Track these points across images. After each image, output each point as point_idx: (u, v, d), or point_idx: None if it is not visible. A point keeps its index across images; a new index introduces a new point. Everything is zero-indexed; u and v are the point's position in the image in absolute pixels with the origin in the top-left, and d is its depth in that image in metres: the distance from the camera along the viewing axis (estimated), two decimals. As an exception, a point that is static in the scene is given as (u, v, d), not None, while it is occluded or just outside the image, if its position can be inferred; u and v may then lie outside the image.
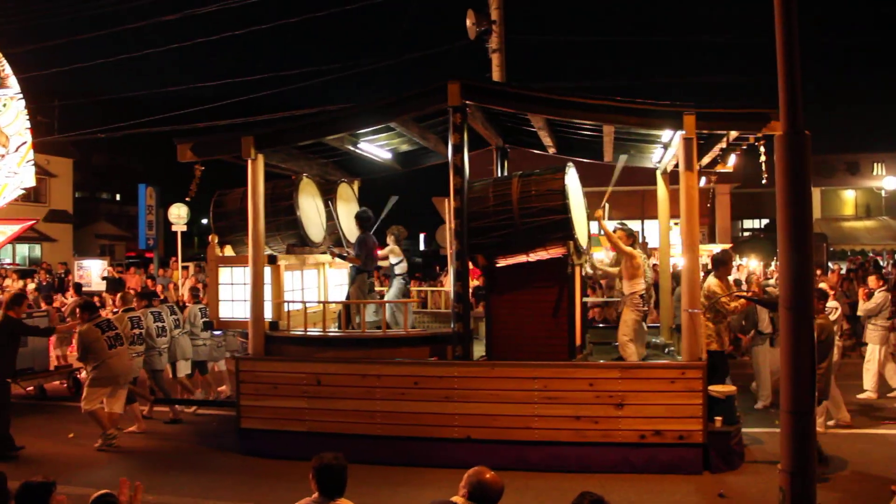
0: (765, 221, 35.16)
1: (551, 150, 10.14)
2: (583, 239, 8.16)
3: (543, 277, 7.90)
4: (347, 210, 9.78)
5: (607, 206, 8.70)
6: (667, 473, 7.28)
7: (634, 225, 35.24)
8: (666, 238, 10.90)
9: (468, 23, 14.23)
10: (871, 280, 10.72)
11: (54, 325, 10.37)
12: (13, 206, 31.93)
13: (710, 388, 7.70)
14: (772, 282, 10.34)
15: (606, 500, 3.29)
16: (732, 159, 8.86)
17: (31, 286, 19.27)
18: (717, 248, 29.90)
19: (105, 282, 21.64)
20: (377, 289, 10.10)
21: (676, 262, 29.97)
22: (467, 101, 7.76)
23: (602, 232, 9.10)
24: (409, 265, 10.02)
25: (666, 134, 8.42)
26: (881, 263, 27.36)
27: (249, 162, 8.13)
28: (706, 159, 8.97)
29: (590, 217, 9.44)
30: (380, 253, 9.47)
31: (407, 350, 7.99)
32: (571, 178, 8.07)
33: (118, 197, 44.49)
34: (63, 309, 12.36)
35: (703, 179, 11.13)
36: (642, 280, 8.27)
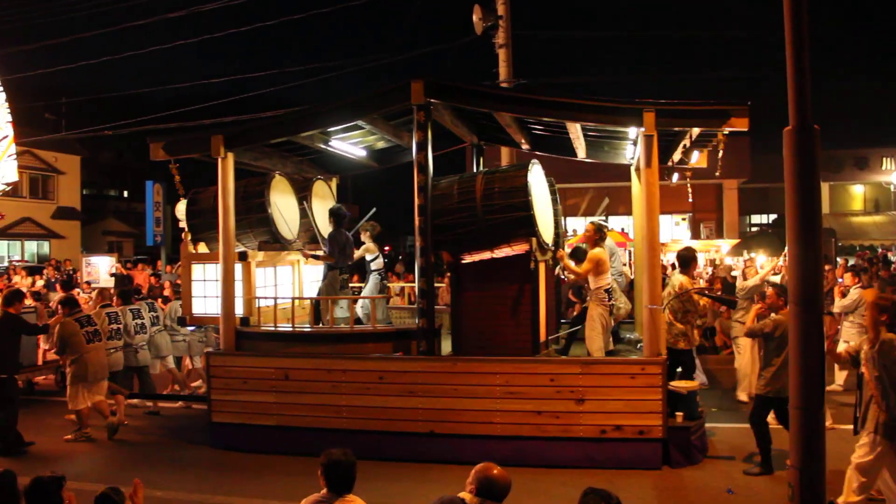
0: (773, 216, 35.03)
1: (525, 147, 10.24)
2: (547, 235, 8.27)
3: (507, 273, 8.01)
4: (323, 207, 9.93)
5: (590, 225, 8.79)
6: (627, 468, 7.37)
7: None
8: (640, 233, 10.91)
9: (475, 18, 14.35)
10: (847, 277, 10.74)
11: (43, 321, 10.63)
12: (22, 203, 32.48)
13: (673, 383, 7.82)
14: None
15: (615, 496, 3.29)
16: (695, 156, 8.88)
17: (39, 283, 19.63)
18: (725, 243, 29.95)
19: (113, 278, 21.99)
20: (353, 285, 10.26)
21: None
22: (431, 100, 7.89)
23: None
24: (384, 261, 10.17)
25: (633, 131, 8.50)
26: (890, 258, 27.21)
27: (220, 160, 8.32)
28: (677, 155, 9.01)
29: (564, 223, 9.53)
30: (356, 253, 9.63)
31: (373, 345, 8.14)
32: (535, 175, 8.18)
33: (126, 194, 45.00)
34: (51, 304, 12.63)
35: (676, 176, 11.13)
36: (607, 275, 8.37)
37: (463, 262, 8.25)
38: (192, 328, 10.11)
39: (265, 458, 7.98)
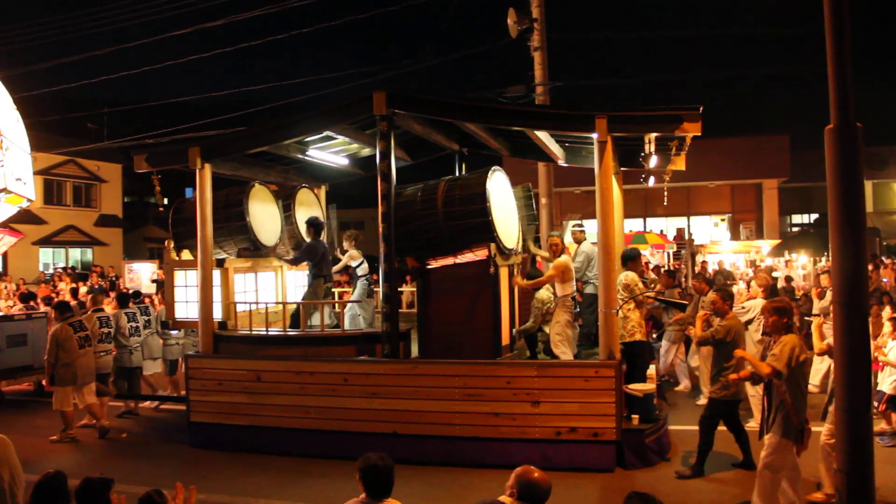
0: (814, 216, 34.42)
1: (504, 153, 10.50)
2: (508, 240, 8.53)
3: (469, 278, 8.30)
4: (308, 214, 10.36)
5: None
6: (582, 470, 7.57)
7: (680, 221, 35.15)
8: (621, 237, 11.06)
9: (509, 21, 14.57)
10: (824, 278, 10.70)
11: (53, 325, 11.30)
12: (66, 211, 33.88)
13: (630, 386, 8.00)
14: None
15: (658, 499, 3.32)
16: (654, 160, 9.03)
17: (83, 289, 20.58)
18: (765, 244, 29.59)
19: (155, 284, 22.90)
20: (340, 290, 10.67)
21: (722, 259, 29.67)
22: (396, 111, 8.24)
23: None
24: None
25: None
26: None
27: (197, 171, 8.81)
28: (653, 159, 9.17)
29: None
30: (342, 260, 10.04)
31: (341, 349, 8.53)
32: (496, 182, 8.46)
33: (166, 201, 46.38)
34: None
35: (653, 179, 11.22)
36: (573, 283, 8.57)
37: (428, 267, 8.58)
38: (175, 332, 10.64)
39: (239, 457, 8.41)
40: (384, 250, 8.21)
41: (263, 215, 9.70)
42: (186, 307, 9.31)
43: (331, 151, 10.04)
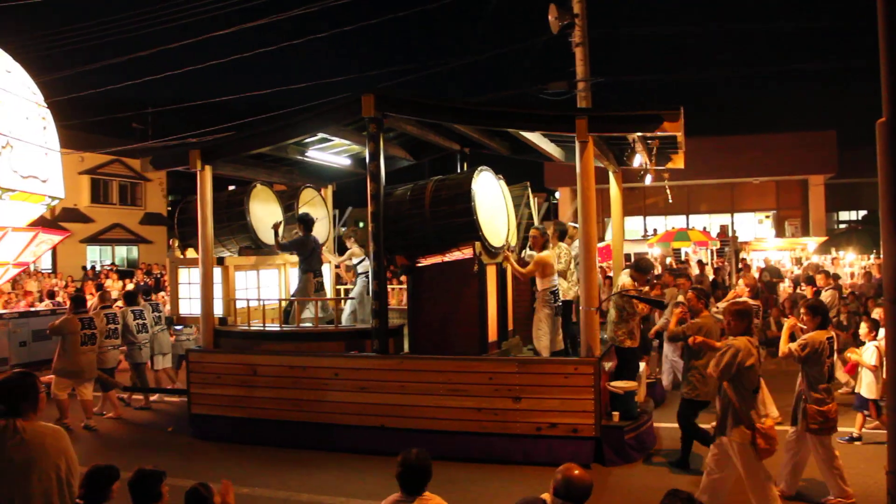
0: (863, 213, 33.69)
1: (504, 153, 10.72)
2: (494, 239, 8.76)
3: (455, 276, 8.58)
4: (312, 213, 10.69)
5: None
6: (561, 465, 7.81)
7: (723, 218, 34.79)
8: (619, 234, 11.17)
9: (550, 17, 14.73)
10: (819, 278, 10.66)
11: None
12: (112, 210, 35.05)
13: (612, 383, 8.20)
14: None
15: (697, 498, 3.40)
16: (638, 159, 9.15)
17: (129, 286, 21.44)
18: (811, 241, 29.15)
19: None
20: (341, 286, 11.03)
21: (768, 256, 29.27)
22: (386, 113, 8.55)
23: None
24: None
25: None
26: None
27: (198, 173, 9.27)
28: (637, 160, 9.32)
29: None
30: (342, 256, 10.41)
31: (333, 344, 8.89)
32: (482, 182, 8.70)
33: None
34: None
35: (650, 178, 11.24)
36: (553, 277, 8.77)
37: (418, 265, 8.89)
38: (187, 328, 11.15)
39: (235, 447, 8.83)
40: (373, 249, 8.53)
41: (265, 214, 10.11)
42: (190, 303, 9.77)
43: (332, 152, 10.40)
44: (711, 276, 20.25)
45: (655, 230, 34.24)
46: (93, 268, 30.51)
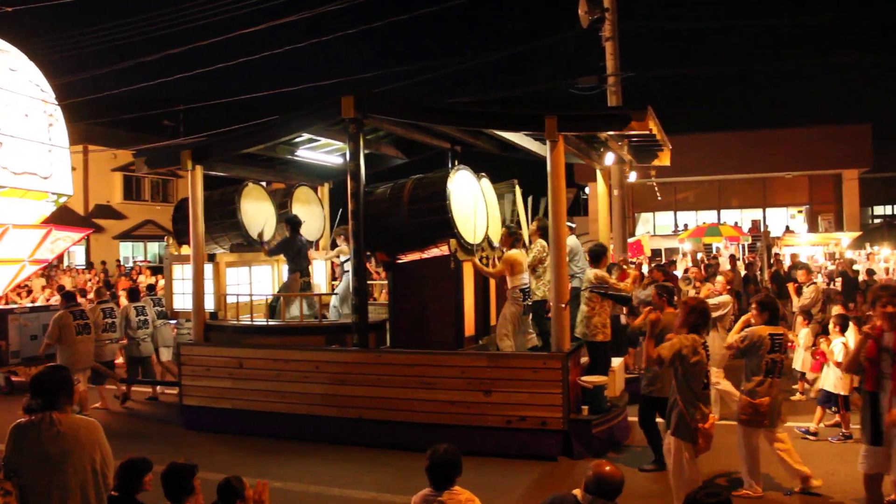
0: (897, 207, 33.25)
1: (494, 151, 10.98)
2: (470, 237, 9.05)
3: (431, 273, 8.90)
4: (306, 211, 11.15)
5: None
6: (530, 458, 8.04)
7: (755, 213, 34.52)
8: (605, 231, 11.35)
9: (580, 11, 15.00)
10: (801, 274, 10.70)
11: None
12: (144, 206, 35.99)
13: (582, 378, 8.44)
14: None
15: (725, 495, 3.45)
16: (610, 157, 9.34)
17: (161, 281, 22.14)
18: (845, 236, 28.86)
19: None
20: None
21: (796, 252, 29.10)
22: (369, 114, 8.88)
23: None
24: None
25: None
26: None
27: (189, 172, 9.72)
28: (608, 158, 9.52)
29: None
30: (331, 252, 10.79)
31: (316, 338, 9.29)
32: (459, 181, 9.00)
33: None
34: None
35: (634, 175, 11.37)
36: (522, 276, 9.01)
37: (398, 262, 9.23)
38: (174, 321, 11.66)
39: (224, 437, 9.26)
40: (354, 246, 8.89)
41: (256, 212, 10.54)
42: (184, 298, 10.24)
43: (323, 151, 10.77)
44: (743, 272, 20.28)
45: (686, 225, 34.13)
46: (123, 264, 31.37)
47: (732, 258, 23.70)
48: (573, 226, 10.77)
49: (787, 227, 33.18)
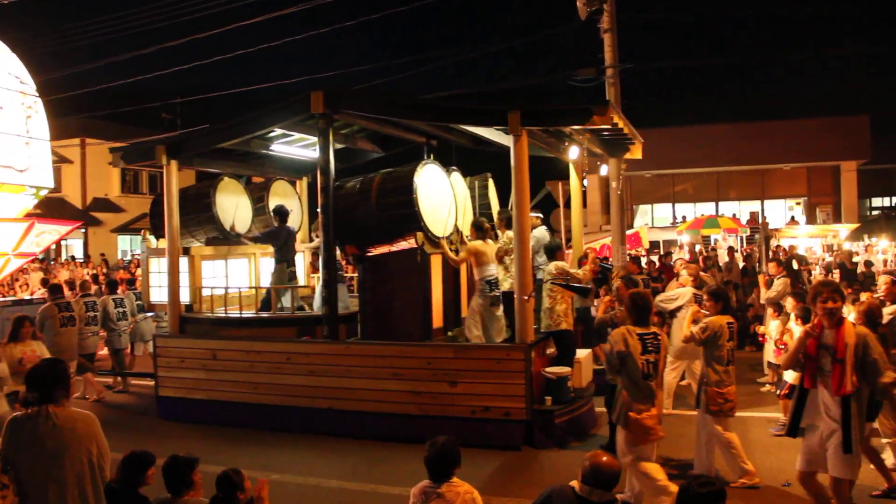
0: (896, 199, 33.30)
1: (469, 145, 11.16)
2: (437, 229, 9.23)
3: (399, 265, 9.11)
4: (284, 204, 11.30)
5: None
6: (495, 448, 8.21)
7: (753, 205, 34.60)
8: (579, 224, 11.51)
9: (578, 3, 15.07)
10: (772, 267, 10.85)
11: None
12: (141, 199, 36.19)
13: (546, 369, 8.63)
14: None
15: (718, 485, 3.50)
16: (575, 151, 9.49)
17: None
18: (843, 228, 28.95)
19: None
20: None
21: (793, 244, 29.21)
22: (339, 109, 9.05)
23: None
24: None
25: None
26: None
27: (164, 167, 9.94)
28: (572, 152, 9.66)
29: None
30: (310, 244, 10.99)
31: (288, 330, 9.51)
32: (426, 175, 9.17)
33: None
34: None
35: (605, 168, 11.49)
36: (490, 266, 9.18)
37: (368, 254, 9.43)
38: (150, 314, 11.89)
39: (198, 427, 9.46)
40: (324, 239, 9.09)
41: (231, 206, 10.74)
42: (161, 291, 10.46)
43: (299, 146, 10.96)
44: (742, 264, 20.37)
45: (685, 217, 34.21)
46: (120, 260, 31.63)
47: (731, 250, 23.82)
48: (541, 216, 10.87)
49: (793, 218, 33.29)
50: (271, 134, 10.27)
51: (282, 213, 10.49)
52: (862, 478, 6.33)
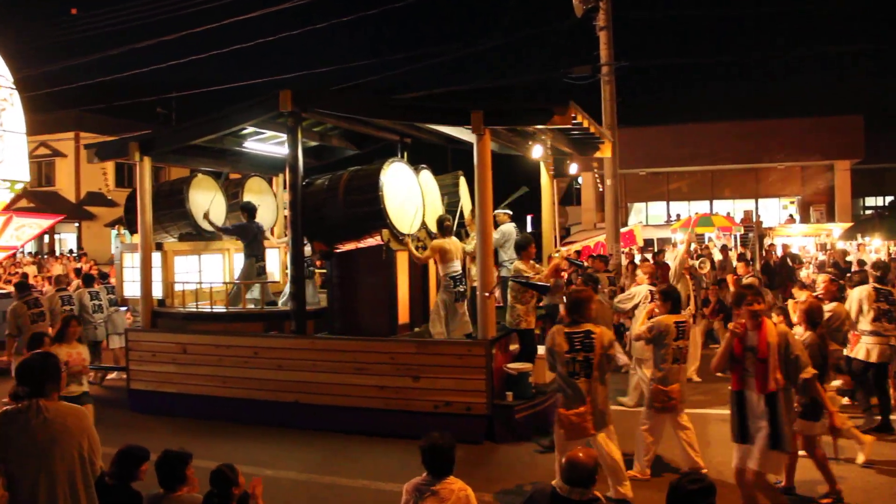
0: (889, 198, 33.42)
1: (442, 143, 11.34)
2: (403, 227, 9.41)
3: (366, 262, 9.31)
4: (259, 201, 11.49)
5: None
6: (457, 442, 8.42)
7: (747, 203, 34.76)
8: (549, 222, 11.67)
9: (574, 1, 15.25)
10: (740, 267, 11.04)
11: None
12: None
13: (508, 365, 8.82)
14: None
15: (708, 481, 3.57)
16: (538, 150, 9.66)
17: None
18: (836, 227, 29.10)
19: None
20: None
21: (787, 242, 29.37)
22: (308, 107, 9.23)
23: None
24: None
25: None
26: None
27: (137, 164, 10.13)
28: (536, 151, 9.82)
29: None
30: (283, 239, 11.17)
31: (256, 325, 9.70)
32: (392, 173, 9.36)
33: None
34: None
35: (575, 166, 11.63)
36: (454, 263, 9.34)
37: (336, 251, 9.62)
38: (125, 308, 12.10)
39: (169, 420, 9.67)
40: (292, 235, 9.28)
41: (204, 202, 10.92)
42: (134, 286, 10.65)
43: (273, 143, 11.16)
44: (735, 262, 20.54)
45: (679, 215, 34.38)
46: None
47: (724, 248, 23.99)
48: (510, 213, 11.00)
49: (790, 216, 33.44)
50: (244, 131, 10.47)
51: (250, 209, 10.66)
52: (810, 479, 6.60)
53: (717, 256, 21.97)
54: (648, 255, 22.37)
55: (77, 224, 37.67)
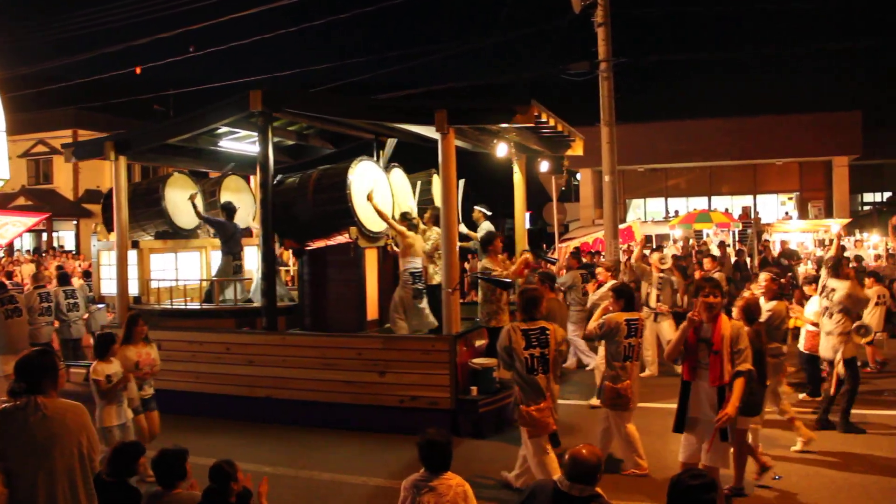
0: (887, 194, 33.49)
1: (415, 142, 11.53)
2: (372, 225, 9.63)
3: (335, 259, 9.58)
4: (236, 199, 11.74)
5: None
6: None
7: (745, 200, 34.87)
8: (521, 221, 11.87)
9: None
10: (707, 262, 11.20)
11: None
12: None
13: (473, 360, 9.02)
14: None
15: (710, 477, 3.59)
16: (503, 149, 9.85)
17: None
18: (834, 223, 29.21)
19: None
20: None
21: (786, 238, 29.50)
22: (280, 107, 9.44)
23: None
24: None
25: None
26: None
27: (112, 163, 10.37)
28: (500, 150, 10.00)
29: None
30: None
31: (229, 321, 9.95)
32: (360, 171, 9.59)
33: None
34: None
35: (546, 164, 11.79)
36: (416, 260, 9.54)
37: (306, 248, 9.85)
38: (101, 305, 12.35)
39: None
40: (262, 233, 9.50)
41: (181, 201, 11.16)
42: (111, 283, 10.90)
43: (248, 142, 11.38)
44: (734, 258, 20.71)
45: (677, 212, 34.55)
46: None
47: (722, 244, 24.17)
48: (489, 213, 11.22)
49: (787, 213, 33.55)
50: (219, 130, 10.69)
51: (228, 209, 10.89)
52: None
53: (715, 252, 22.11)
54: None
55: (75, 222, 37.96)
